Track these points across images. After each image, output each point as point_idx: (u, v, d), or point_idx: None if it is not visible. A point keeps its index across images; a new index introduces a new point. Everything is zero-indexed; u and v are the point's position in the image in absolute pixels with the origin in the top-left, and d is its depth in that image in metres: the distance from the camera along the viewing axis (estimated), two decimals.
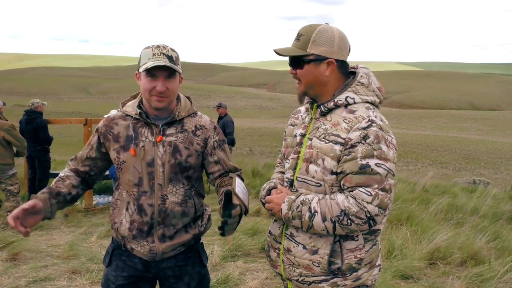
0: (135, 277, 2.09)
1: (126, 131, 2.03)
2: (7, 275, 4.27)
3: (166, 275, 2.10)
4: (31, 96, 47.43)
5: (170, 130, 2.04)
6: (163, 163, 2.00)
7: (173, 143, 2.02)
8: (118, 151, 2.02)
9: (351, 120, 1.74)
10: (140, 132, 2.01)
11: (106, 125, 2.08)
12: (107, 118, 2.11)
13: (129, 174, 2.00)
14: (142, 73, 1.96)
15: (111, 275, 2.10)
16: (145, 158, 1.99)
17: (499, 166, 23.25)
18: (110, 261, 2.12)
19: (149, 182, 1.99)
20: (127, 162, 2.00)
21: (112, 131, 2.05)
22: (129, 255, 2.08)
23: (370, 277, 1.83)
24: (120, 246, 2.10)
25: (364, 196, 1.67)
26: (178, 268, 2.10)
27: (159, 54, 1.95)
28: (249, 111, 66.95)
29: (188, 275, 2.12)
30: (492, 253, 4.87)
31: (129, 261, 2.08)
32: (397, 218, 6.17)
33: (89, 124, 7.53)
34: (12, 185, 5.94)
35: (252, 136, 31.70)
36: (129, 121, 2.04)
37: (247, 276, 4.25)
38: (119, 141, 2.02)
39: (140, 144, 2.00)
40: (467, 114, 57.02)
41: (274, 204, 1.87)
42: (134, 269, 2.08)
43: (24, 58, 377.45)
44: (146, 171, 1.99)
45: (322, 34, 1.78)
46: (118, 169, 2.04)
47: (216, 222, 1.98)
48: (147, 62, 1.94)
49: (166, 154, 2.00)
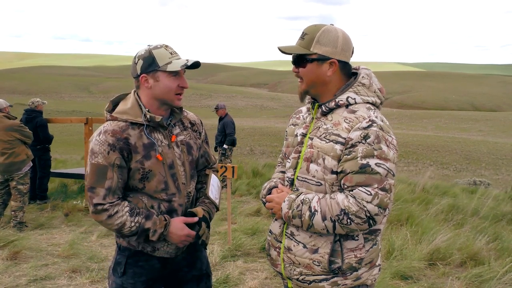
0: (152, 280, 2.09)
1: (140, 140, 1.96)
2: (7, 274, 4.28)
3: (180, 266, 2.14)
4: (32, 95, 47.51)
5: (176, 130, 2.08)
6: (182, 162, 2.05)
7: (185, 141, 2.09)
8: (142, 161, 1.95)
9: (352, 120, 1.75)
10: (155, 138, 1.99)
11: (120, 139, 1.92)
12: (114, 132, 1.93)
13: (155, 181, 1.98)
14: (164, 73, 1.94)
15: (128, 284, 2.05)
16: (166, 162, 2.00)
17: (500, 167, 23.23)
18: (125, 270, 2.06)
19: (174, 184, 2.02)
20: (153, 170, 1.96)
21: (130, 142, 1.94)
22: (146, 258, 2.05)
23: (370, 277, 1.84)
24: (136, 253, 2.05)
25: (364, 195, 1.67)
26: (190, 256, 2.16)
27: (175, 52, 1.99)
28: (250, 110, 66.98)
29: (199, 260, 2.20)
30: (492, 254, 4.86)
31: (147, 265, 2.06)
32: (397, 218, 6.17)
33: (90, 123, 7.54)
34: (22, 184, 5.98)
35: (252, 135, 31.72)
36: (137, 129, 1.96)
37: (246, 276, 4.25)
38: (138, 151, 1.95)
39: (159, 149, 1.99)
40: (468, 115, 56.99)
41: (274, 203, 1.89)
42: (152, 271, 2.08)
43: (25, 57, 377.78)
44: (169, 174, 2.00)
45: (327, 35, 1.80)
46: (143, 179, 1.96)
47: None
48: (172, 61, 1.94)
49: (183, 153, 2.06)
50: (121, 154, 1.92)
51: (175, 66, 1.92)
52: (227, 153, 9.27)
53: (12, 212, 5.96)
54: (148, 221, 1.93)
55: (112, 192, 1.92)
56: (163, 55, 1.95)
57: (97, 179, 1.92)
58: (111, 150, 1.91)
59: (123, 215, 1.91)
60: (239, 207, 7.38)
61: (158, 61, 1.94)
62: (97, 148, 1.92)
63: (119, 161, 1.92)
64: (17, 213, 5.93)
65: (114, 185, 1.92)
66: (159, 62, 1.94)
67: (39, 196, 7.47)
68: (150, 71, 1.95)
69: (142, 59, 1.96)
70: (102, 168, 1.91)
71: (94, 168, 1.92)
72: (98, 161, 1.91)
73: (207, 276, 2.24)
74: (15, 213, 5.93)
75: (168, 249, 2.06)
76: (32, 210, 6.89)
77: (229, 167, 5.11)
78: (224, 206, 6.06)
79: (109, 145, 1.91)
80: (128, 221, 1.91)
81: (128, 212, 1.92)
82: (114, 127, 1.95)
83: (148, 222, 1.93)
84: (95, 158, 1.92)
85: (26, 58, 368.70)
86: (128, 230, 1.93)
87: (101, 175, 1.91)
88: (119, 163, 1.92)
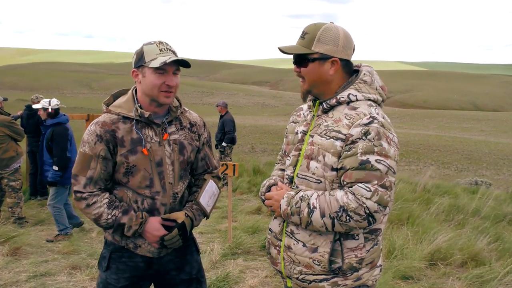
0: (136, 277, 2.08)
1: (129, 134, 1.96)
2: (7, 270, 4.29)
3: (167, 269, 2.11)
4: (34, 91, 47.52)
5: (171, 128, 2.05)
6: (172, 161, 2.02)
7: (178, 140, 2.05)
8: (126, 155, 1.95)
9: (352, 117, 1.73)
10: (144, 134, 1.98)
11: (107, 131, 1.94)
12: (104, 123, 1.96)
13: (140, 176, 1.97)
14: (149, 69, 1.92)
15: (111, 279, 2.06)
16: (154, 159, 1.98)
17: (501, 167, 23.16)
18: (108, 265, 2.07)
19: (160, 182, 2.00)
20: (137, 165, 1.96)
21: (116, 135, 1.95)
22: (130, 255, 2.05)
23: (371, 277, 1.82)
24: (119, 248, 2.06)
25: (363, 191, 1.65)
26: (179, 259, 2.13)
27: (166, 49, 1.95)
28: (251, 108, 66.92)
29: (188, 264, 2.16)
30: (493, 254, 4.85)
31: (130, 262, 2.06)
32: (398, 218, 6.16)
33: (91, 119, 7.53)
34: (14, 181, 5.96)
35: (254, 133, 31.69)
36: (128, 123, 1.97)
37: (247, 274, 4.25)
38: (124, 145, 1.95)
39: (147, 145, 1.97)
40: (470, 115, 56.84)
41: (273, 201, 1.88)
42: (136, 269, 2.06)
43: (28, 53, 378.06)
44: (156, 171, 1.99)
45: (327, 33, 1.78)
46: (127, 174, 1.97)
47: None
48: (157, 58, 1.91)
49: (174, 152, 2.02)
50: (107, 146, 1.94)
51: (156, 63, 1.90)
52: (226, 151, 9.29)
53: (9, 209, 5.96)
54: (125, 216, 1.93)
55: (93, 182, 1.95)
56: (151, 51, 1.94)
57: (81, 167, 1.96)
58: (97, 141, 1.94)
59: (101, 206, 1.93)
60: (240, 205, 7.37)
61: (146, 56, 1.94)
62: (86, 137, 1.97)
63: (104, 152, 1.94)
64: (14, 209, 5.93)
65: (96, 175, 1.94)
66: (146, 58, 1.94)
67: (39, 191, 7.47)
68: (139, 66, 1.97)
69: (136, 54, 1.99)
70: (87, 158, 1.94)
71: (81, 156, 1.97)
72: (84, 150, 1.96)
73: (197, 281, 2.19)
74: (12, 210, 5.93)
75: (150, 248, 2.03)
76: (32, 206, 6.90)
77: (230, 165, 5.11)
78: (225, 204, 6.06)
79: (97, 135, 1.94)
80: (105, 213, 1.93)
81: (106, 204, 1.93)
82: (106, 119, 1.99)
83: (125, 217, 1.93)
84: (83, 147, 1.97)
85: (28, 54, 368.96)
86: (105, 222, 1.94)
87: (85, 164, 1.95)
88: (103, 155, 1.94)
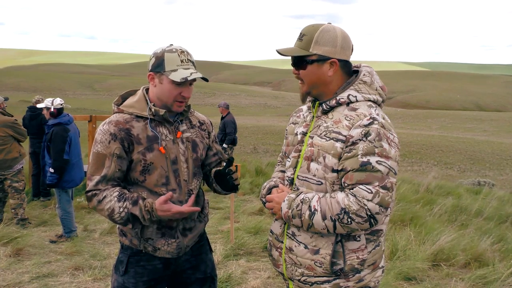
0: (154, 280, 2.09)
1: (144, 132, 1.97)
2: (10, 271, 4.29)
3: (184, 268, 2.14)
4: (36, 92, 47.68)
5: (182, 127, 2.09)
6: (186, 159, 2.05)
7: (191, 138, 2.09)
8: (144, 153, 1.95)
9: (352, 118, 1.73)
10: (159, 132, 2.00)
11: (122, 129, 1.95)
12: (118, 122, 1.96)
13: (157, 174, 1.98)
14: (168, 79, 1.93)
15: (129, 283, 2.05)
16: (170, 157, 2.00)
17: (504, 167, 23.07)
18: (126, 269, 2.06)
19: (176, 180, 2.02)
20: (154, 162, 1.97)
21: (132, 133, 1.95)
22: (148, 258, 2.06)
23: (373, 279, 1.81)
24: (137, 252, 2.06)
25: (365, 193, 1.65)
26: (194, 258, 2.16)
27: (187, 61, 1.96)
28: (253, 109, 66.93)
29: (203, 263, 2.20)
30: (496, 255, 4.83)
31: (149, 265, 2.06)
32: (401, 218, 6.15)
33: (93, 120, 7.54)
34: (17, 182, 5.97)
35: (256, 134, 31.67)
36: (142, 122, 1.99)
37: (249, 275, 4.24)
38: (141, 143, 1.96)
39: (163, 143, 1.99)
40: (472, 115, 56.66)
41: (274, 203, 1.87)
42: (154, 272, 2.08)
43: (31, 54, 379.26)
44: (171, 169, 2.00)
45: (325, 34, 1.77)
46: (144, 172, 1.97)
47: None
48: (178, 70, 1.92)
49: (187, 150, 2.06)
50: (121, 144, 1.93)
51: (177, 76, 1.91)
52: (227, 151, 9.31)
53: (12, 210, 5.97)
54: (135, 207, 1.91)
55: (106, 180, 1.94)
56: (172, 60, 1.94)
57: (95, 168, 1.95)
58: (112, 139, 1.93)
59: (112, 199, 1.91)
60: (242, 206, 7.36)
61: (166, 65, 1.94)
62: (99, 137, 1.95)
63: (119, 151, 1.93)
64: (17, 211, 5.95)
65: (110, 173, 1.93)
66: (166, 66, 1.94)
67: (42, 193, 7.48)
68: (157, 72, 1.97)
69: (155, 57, 1.98)
70: (101, 157, 1.93)
71: (94, 156, 1.96)
72: (98, 150, 1.95)
73: (211, 279, 2.23)
74: (15, 211, 5.94)
75: (169, 249, 2.05)
76: (35, 207, 6.91)
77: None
78: (227, 205, 6.05)
79: (111, 134, 1.93)
80: (117, 207, 1.91)
81: (116, 197, 1.91)
82: (118, 118, 1.99)
83: (135, 208, 1.91)
84: (96, 146, 1.96)
85: (31, 55, 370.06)
86: (118, 216, 1.91)
87: (100, 164, 1.94)
88: (118, 153, 1.93)
